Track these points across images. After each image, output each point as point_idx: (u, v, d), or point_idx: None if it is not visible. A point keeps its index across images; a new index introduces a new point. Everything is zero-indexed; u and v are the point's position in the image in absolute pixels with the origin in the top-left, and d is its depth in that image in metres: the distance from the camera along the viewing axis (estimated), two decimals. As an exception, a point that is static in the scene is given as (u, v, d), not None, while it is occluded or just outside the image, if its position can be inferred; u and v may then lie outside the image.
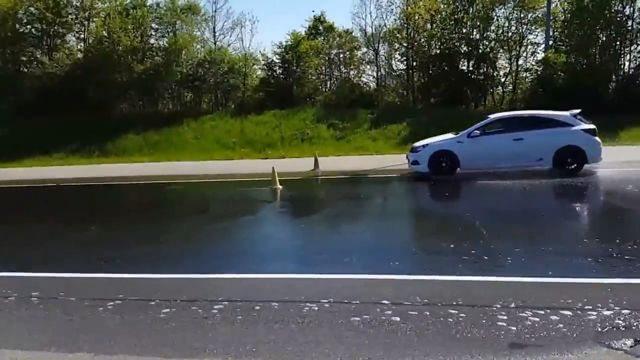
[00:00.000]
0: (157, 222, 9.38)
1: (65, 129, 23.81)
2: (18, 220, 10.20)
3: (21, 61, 28.40)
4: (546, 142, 12.45)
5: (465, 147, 12.88)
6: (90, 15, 29.25)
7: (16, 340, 3.97)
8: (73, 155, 22.28)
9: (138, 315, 4.34)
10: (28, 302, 4.82)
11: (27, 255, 6.94)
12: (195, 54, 27.77)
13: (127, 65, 26.01)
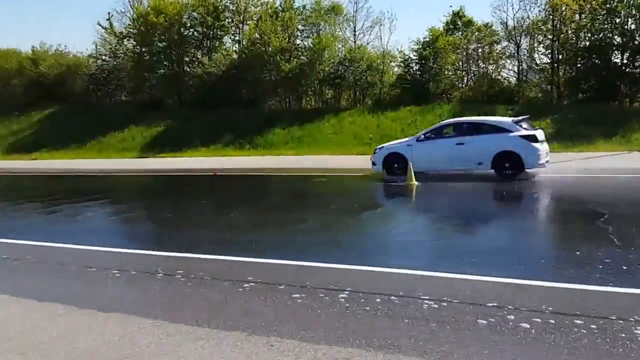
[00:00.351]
0: (294, 211, 10.11)
1: (221, 123, 25.94)
2: (174, 204, 11.49)
3: (185, 62, 31.14)
4: (485, 147, 12.69)
5: (414, 151, 13.43)
6: (245, 19, 31.38)
7: (162, 313, 4.55)
8: (227, 147, 24.20)
9: (272, 299, 4.83)
10: (173, 279, 5.62)
11: (176, 236, 7.96)
12: (337, 53, 28.70)
13: (276, 64, 27.60)
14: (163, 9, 30.12)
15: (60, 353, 3.87)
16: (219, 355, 3.72)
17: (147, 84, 30.96)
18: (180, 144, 24.66)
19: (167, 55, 31.06)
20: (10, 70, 34.39)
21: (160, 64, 31.30)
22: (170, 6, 30.38)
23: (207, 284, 5.39)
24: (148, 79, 30.75)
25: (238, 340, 3.95)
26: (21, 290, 5.45)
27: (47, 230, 9.01)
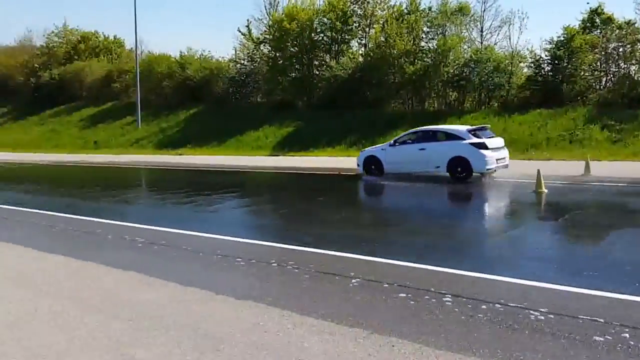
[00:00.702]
0: (413, 215, 10.03)
1: (346, 124, 26.35)
2: (298, 200, 11.85)
3: (314, 65, 32.00)
4: (442, 152, 14.19)
5: (387, 154, 15.22)
6: (371, 22, 31.60)
7: (289, 304, 4.75)
8: (351, 147, 24.51)
9: (394, 299, 4.87)
10: (300, 272, 5.82)
11: (294, 229, 8.20)
12: (462, 54, 27.91)
13: (400, 67, 27.47)
14: (296, 16, 31.20)
15: (197, 334, 4.18)
16: (342, 350, 3.83)
17: (279, 86, 32.24)
18: (308, 144, 25.42)
19: (299, 59, 32.09)
20: (162, 73, 37.37)
21: (292, 67, 32.41)
22: (302, 12, 31.38)
23: (332, 280, 5.55)
24: (281, 81, 32.00)
25: (360, 337, 4.04)
26: (165, 273, 5.96)
27: (182, 218, 9.74)
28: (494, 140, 14.58)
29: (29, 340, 4.18)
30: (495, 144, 14.42)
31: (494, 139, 14.66)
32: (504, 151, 14.73)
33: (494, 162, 13.94)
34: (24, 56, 48.27)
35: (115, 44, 48.29)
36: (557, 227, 8.80)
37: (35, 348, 4.02)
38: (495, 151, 14.13)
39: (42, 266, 6.48)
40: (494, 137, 14.79)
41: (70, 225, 9.24)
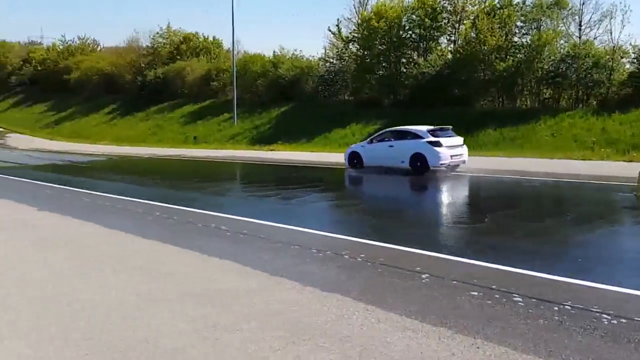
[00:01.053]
0: (511, 218, 9.66)
1: (432, 122, 25.67)
2: (378, 195, 11.80)
3: (401, 63, 31.61)
4: (406, 149, 15.85)
5: (365, 150, 17.25)
6: (461, 18, 30.69)
7: (374, 299, 4.72)
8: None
9: (479, 301, 4.75)
10: (383, 267, 5.70)
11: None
12: (558, 50, 26.43)
13: (490, 63, 26.49)
14: (384, 14, 30.94)
15: (285, 322, 4.29)
16: (425, 348, 3.80)
17: (367, 84, 32.13)
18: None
19: (386, 57, 31.83)
20: (256, 72, 38.43)
21: (379, 65, 32.19)
22: (391, 10, 31.06)
23: (414, 277, 5.48)
24: (368, 79, 31.89)
25: (444, 336, 3.99)
26: (254, 263, 6.16)
27: (270, 211, 9.98)
28: (451, 139, 16.08)
29: (144, 320, 4.47)
30: (452, 143, 15.93)
31: (451, 138, 16.15)
32: (460, 149, 16.26)
33: (448, 158, 15.53)
34: (132, 56, 51.32)
35: (214, 45, 50.14)
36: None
37: (150, 326, 4.31)
38: (450, 149, 15.66)
39: (144, 251, 6.91)
40: (452, 137, 16.26)
41: (167, 214, 9.77)
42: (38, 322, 4.48)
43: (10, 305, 4.94)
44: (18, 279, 5.81)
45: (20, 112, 60.12)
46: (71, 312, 4.69)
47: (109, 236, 8.03)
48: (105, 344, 3.99)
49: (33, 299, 5.11)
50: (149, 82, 46.42)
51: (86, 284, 5.57)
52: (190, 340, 4.04)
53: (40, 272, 6.06)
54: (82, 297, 5.09)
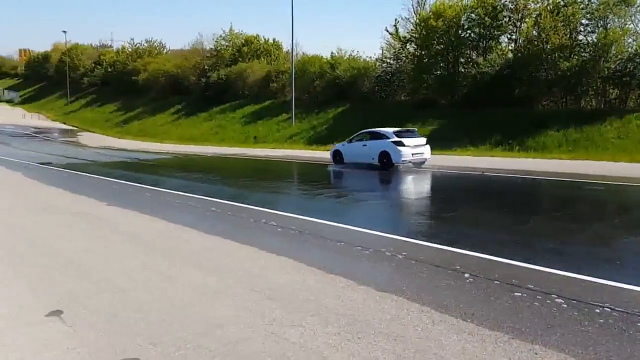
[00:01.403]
0: (569, 221, 9.31)
1: (491, 123, 25.17)
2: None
3: (460, 62, 30.98)
4: (375, 148, 18.02)
5: (345, 148, 19.66)
6: (523, 17, 29.75)
7: (430, 301, 4.66)
8: (496, 147, 23.38)
9: (538, 306, 4.59)
10: (439, 269, 5.65)
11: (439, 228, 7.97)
12: (626, 48, 25.15)
13: (553, 62, 25.54)
14: (443, 13, 30.42)
15: (341, 320, 4.33)
16: (481, 351, 3.75)
17: (424, 84, 31.70)
18: (450, 143, 24.64)
19: (444, 57, 31.30)
20: (314, 73, 38.69)
21: (437, 65, 31.69)
22: (450, 9, 30.50)
23: (471, 280, 5.39)
24: (425, 80, 31.46)
25: (501, 340, 3.93)
26: (310, 259, 6.23)
27: (325, 209, 10.03)
28: (414, 140, 18.09)
29: (205, 313, 4.64)
30: (414, 143, 17.93)
31: (414, 139, 18.15)
32: (422, 148, 18.16)
33: (409, 155, 17.59)
34: (196, 58, 52.82)
35: (274, 47, 50.85)
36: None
37: (211, 318, 4.46)
38: (412, 148, 17.68)
39: (205, 245, 7.12)
40: (416, 138, 18.29)
41: (229, 211, 10.02)
42: (117, 306, 4.73)
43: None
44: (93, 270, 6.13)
45: (91, 111, 63.09)
46: (146, 303, 4.91)
47: (173, 230, 8.32)
48: (171, 334, 4.16)
49: (110, 289, 5.39)
50: (212, 84, 47.61)
51: (151, 276, 5.80)
52: (252, 333, 4.15)
53: (106, 264, 6.37)
54: (149, 287, 5.32)
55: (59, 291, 5.32)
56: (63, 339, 4.13)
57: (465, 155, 22.45)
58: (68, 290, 5.33)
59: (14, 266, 6.36)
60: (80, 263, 6.42)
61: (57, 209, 10.68)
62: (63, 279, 5.78)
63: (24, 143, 37.98)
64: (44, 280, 5.75)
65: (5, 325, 4.42)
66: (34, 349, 3.97)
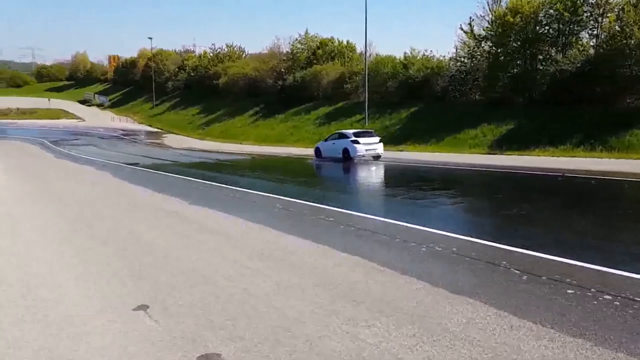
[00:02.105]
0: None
1: (571, 122, 23.92)
2: (515, 201, 11.10)
3: (537, 59, 29.65)
4: (340, 146, 22.96)
5: (322, 146, 24.59)
6: (605, 11, 28.02)
7: (506, 305, 4.47)
8: (577, 147, 22.18)
9: (623, 313, 4.32)
10: (514, 274, 5.41)
11: (519, 232, 7.62)
12: None
13: (637, 58, 23.89)
14: (520, 9, 29.24)
15: (416, 321, 4.28)
16: (562, 358, 3.59)
17: (499, 83, 30.62)
18: (527, 143, 23.67)
19: (521, 54, 30.08)
20: (387, 73, 38.38)
21: (513, 63, 30.52)
22: (527, 5, 29.27)
23: (551, 284, 5.17)
24: (501, 78, 30.39)
25: (583, 348, 3.75)
26: (383, 260, 6.20)
27: (397, 210, 9.90)
28: (369, 139, 22.63)
29: (283, 310, 4.74)
30: (368, 141, 22.46)
31: (369, 138, 22.75)
32: (375, 145, 22.66)
33: (363, 151, 22.27)
34: (273, 61, 53.89)
35: (348, 48, 50.97)
36: None
37: (289, 315, 4.55)
38: (366, 145, 22.28)
39: (282, 244, 7.26)
40: (370, 137, 22.95)
41: (304, 210, 10.15)
42: (194, 299, 4.94)
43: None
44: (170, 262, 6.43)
45: (175, 114, 65.91)
46: (229, 298, 5.09)
47: (251, 228, 8.54)
48: (251, 329, 4.28)
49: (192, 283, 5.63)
50: (288, 86, 48.42)
51: (233, 272, 5.99)
52: (328, 331, 4.19)
53: (191, 259, 6.65)
54: (230, 284, 5.50)
55: (146, 285, 5.60)
56: (148, 333, 4.30)
57: (545, 155, 21.51)
58: (155, 285, 5.60)
59: (103, 260, 6.77)
60: (167, 258, 6.74)
61: (143, 207, 11.27)
62: (150, 273, 6.08)
63: (113, 145, 40.32)
64: (133, 274, 6.06)
65: (93, 319, 4.64)
66: (119, 343, 4.14)
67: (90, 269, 6.33)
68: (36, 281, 5.86)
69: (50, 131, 55.50)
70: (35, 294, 5.40)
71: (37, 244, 7.82)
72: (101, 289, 5.53)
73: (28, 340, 4.22)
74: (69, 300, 5.19)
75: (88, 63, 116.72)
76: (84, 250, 7.37)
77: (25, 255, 7.11)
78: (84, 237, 8.28)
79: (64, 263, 6.67)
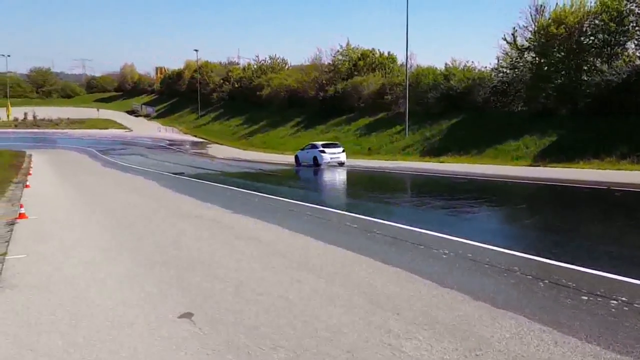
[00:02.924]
0: None
1: (616, 134, 23.10)
2: (578, 217, 10.78)
3: (582, 70, 28.83)
4: (311, 154, 28.32)
5: (300, 154, 29.80)
6: (653, 21, 27.06)
7: (550, 320, 4.36)
8: (622, 160, 21.37)
9: None
10: (558, 287, 5.23)
11: (561, 245, 7.38)
12: None
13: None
14: (564, 20, 28.57)
15: (457, 335, 4.23)
16: (607, 376, 3.47)
17: (542, 94, 29.91)
18: (571, 155, 22.98)
19: (565, 64, 29.31)
20: (428, 85, 38.09)
21: (557, 74, 29.75)
22: (571, 16, 28.57)
23: (597, 300, 5.01)
24: (544, 89, 29.67)
25: (629, 366, 3.60)
26: (423, 272, 6.13)
27: (439, 222, 9.75)
28: (333, 149, 27.90)
29: (325, 319, 4.76)
30: (333, 151, 27.62)
31: (334, 149, 28.03)
32: (339, 154, 27.65)
33: (328, 159, 27.16)
34: (315, 73, 54.31)
35: (389, 60, 50.86)
36: None
37: (330, 325, 4.57)
38: (330, 154, 27.34)
39: (322, 254, 7.28)
40: (335, 148, 28.27)
41: (344, 221, 10.15)
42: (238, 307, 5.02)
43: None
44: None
45: (219, 125, 67.15)
46: (272, 307, 5.15)
47: (292, 238, 8.62)
48: (294, 338, 4.32)
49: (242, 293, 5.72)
50: (329, 97, 48.66)
51: (276, 280, 6.06)
52: (368, 342, 4.19)
53: (233, 268, 6.75)
54: (271, 292, 5.56)
55: (191, 293, 5.71)
56: (192, 341, 4.35)
57: (590, 167, 20.86)
58: (200, 292, 5.71)
59: (148, 266, 6.95)
60: (211, 266, 6.87)
61: (187, 215, 11.51)
62: (195, 280, 6.20)
63: (159, 154, 41.40)
64: (179, 281, 6.19)
65: (138, 326, 4.73)
66: (163, 350, 4.20)
67: (136, 275, 6.51)
68: (83, 286, 6.07)
69: (99, 141, 57.52)
70: (83, 299, 5.58)
71: (83, 249, 8.11)
72: (147, 295, 5.66)
73: (76, 345, 4.35)
74: (115, 306, 5.33)
75: (136, 74, 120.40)
76: (130, 256, 7.60)
77: (72, 260, 7.38)
78: (129, 243, 8.54)
79: (110, 269, 6.88)
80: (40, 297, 5.69)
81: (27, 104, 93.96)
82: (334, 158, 27.21)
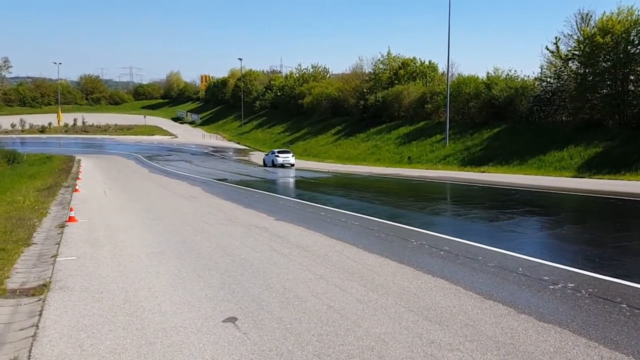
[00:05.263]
0: None
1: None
2: (627, 231, 10.43)
3: (630, 80, 27.90)
4: (271, 157, 37.98)
5: (266, 157, 39.47)
6: None
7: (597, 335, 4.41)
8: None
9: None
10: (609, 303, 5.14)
11: (610, 260, 7.16)
12: None
13: None
14: (610, 29, 27.73)
15: (501, 348, 4.19)
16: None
17: (587, 104, 29.08)
18: (618, 166, 22.25)
19: (611, 74, 28.42)
20: (469, 94, 37.62)
21: (603, 84, 28.89)
22: (618, 25, 27.70)
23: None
24: (589, 99, 28.85)
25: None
26: (467, 283, 6.08)
27: (481, 233, 9.63)
28: (285, 154, 37.50)
29: (368, 328, 4.81)
30: (284, 156, 37.16)
31: (285, 154, 37.57)
32: (289, 158, 37.07)
33: (281, 161, 36.46)
34: (356, 82, 54.47)
35: (430, 68, 50.53)
36: None
37: (373, 334, 4.62)
38: (282, 158, 36.74)
39: (365, 262, 7.32)
40: (286, 154, 37.75)
41: (386, 230, 10.15)
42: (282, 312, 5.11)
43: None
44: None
45: (262, 132, 68.09)
46: (316, 314, 5.24)
47: (335, 245, 8.68)
48: (337, 346, 4.39)
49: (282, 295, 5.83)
50: (369, 106, 48.68)
51: (321, 288, 6.14)
52: (411, 353, 4.21)
53: (278, 273, 6.87)
54: (311, 300, 5.64)
55: (235, 298, 5.82)
56: (236, 345, 4.44)
57: (638, 179, 20.11)
58: (243, 297, 5.82)
59: (195, 271, 7.13)
60: (255, 272, 7.00)
61: (232, 221, 11.73)
62: (239, 286, 6.31)
63: (203, 161, 42.26)
64: (223, 286, 6.31)
65: (186, 329, 4.85)
66: (209, 353, 4.30)
67: (183, 280, 6.67)
68: (134, 290, 6.24)
69: (145, 147, 59.13)
70: (133, 302, 5.75)
71: (132, 253, 8.38)
72: (194, 299, 5.80)
73: (126, 348, 4.50)
74: (163, 309, 5.48)
75: (181, 82, 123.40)
76: (177, 260, 7.80)
77: (122, 264, 7.64)
78: (176, 248, 8.76)
79: (159, 273, 7.06)
80: (92, 299, 5.88)
81: (76, 110, 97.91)
82: (285, 160, 36.82)
